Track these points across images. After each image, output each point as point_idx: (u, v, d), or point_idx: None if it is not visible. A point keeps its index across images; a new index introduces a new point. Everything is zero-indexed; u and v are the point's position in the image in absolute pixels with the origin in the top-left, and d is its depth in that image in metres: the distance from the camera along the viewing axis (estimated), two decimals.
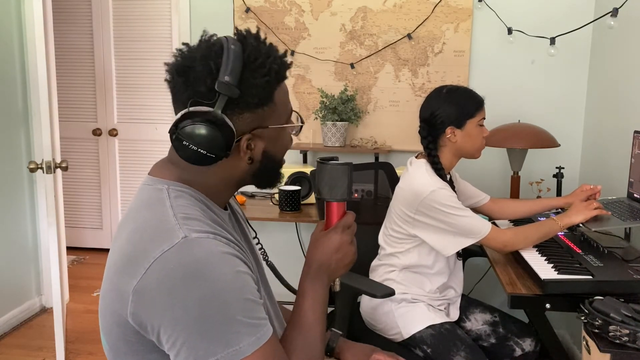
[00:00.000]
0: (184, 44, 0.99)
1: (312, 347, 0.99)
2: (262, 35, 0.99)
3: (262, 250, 1.24)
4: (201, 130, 0.91)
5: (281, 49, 1.01)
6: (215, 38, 0.98)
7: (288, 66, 1.01)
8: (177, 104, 0.96)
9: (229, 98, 0.92)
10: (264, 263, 1.20)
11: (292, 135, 1.08)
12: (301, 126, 1.09)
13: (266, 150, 1.00)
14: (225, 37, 0.97)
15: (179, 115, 0.93)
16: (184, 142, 0.92)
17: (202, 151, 0.92)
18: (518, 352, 1.93)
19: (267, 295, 1.11)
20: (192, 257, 0.86)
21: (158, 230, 0.89)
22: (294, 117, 1.06)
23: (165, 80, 0.98)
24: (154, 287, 0.85)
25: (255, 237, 1.22)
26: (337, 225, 1.05)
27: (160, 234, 0.89)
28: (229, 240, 0.92)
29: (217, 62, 0.92)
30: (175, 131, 0.93)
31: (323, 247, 1.03)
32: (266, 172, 1.03)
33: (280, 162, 1.06)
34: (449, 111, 1.86)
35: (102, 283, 0.96)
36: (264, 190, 2.97)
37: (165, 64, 0.98)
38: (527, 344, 1.94)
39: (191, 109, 0.92)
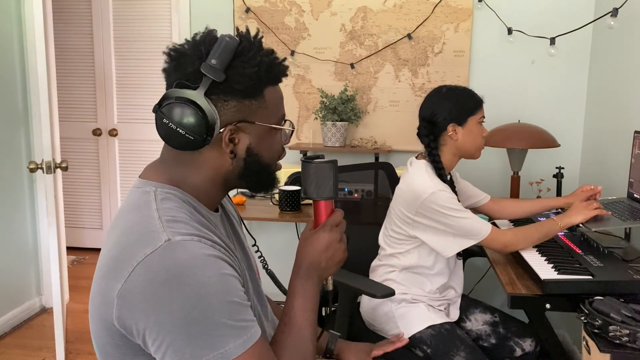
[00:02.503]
0: (185, 39, 1.00)
1: (302, 348, 0.98)
2: (261, 36, 1.00)
3: (262, 258, 1.23)
4: (181, 109, 0.92)
5: (281, 55, 1.02)
6: (215, 32, 0.99)
7: (281, 67, 1.01)
8: (167, 88, 0.97)
9: (213, 82, 0.92)
10: (262, 270, 1.20)
11: (283, 145, 1.06)
12: (291, 132, 1.07)
13: (250, 147, 0.99)
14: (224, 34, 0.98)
15: (164, 95, 0.94)
16: (164, 120, 0.93)
17: (180, 131, 0.92)
18: (518, 352, 1.93)
19: (258, 298, 1.10)
20: (175, 260, 0.85)
21: (142, 234, 0.89)
22: (286, 124, 1.05)
23: (162, 70, 0.99)
24: (138, 290, 0.85)
25: (255, 244, 1.21)
26: (325, 223, 1.03)
27: (144, 237, 0.88)
28: (214, 243, 0.91)
29: (208, 48, 0.94)
30: (158, 109, 0.94)
31: (312, 246, 1.02)
32: (252, 173, 1.01)
33: (267, 165, 1.03)
34: (450, 108, 1.86)
35: (91, 287, 0.96)
36: None
37: (163, 52, 0.99)
38: (527, 344, 1.93)
39: (175, 89, 0.93)
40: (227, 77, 0.93)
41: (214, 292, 0.85)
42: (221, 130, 0.95)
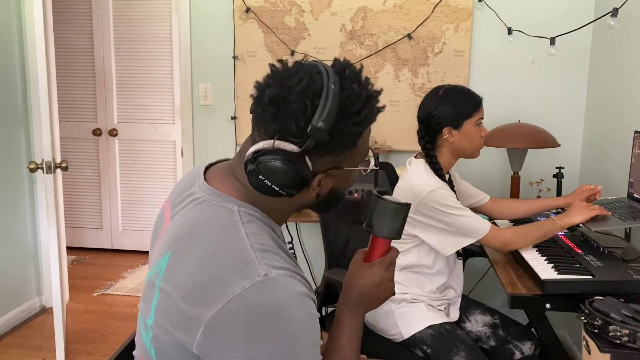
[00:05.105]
0: (279, 61, 0.96)
1: None
2: (363, 76, 0.96)
3: None
4: (281, 168, 0.90)
5: (377, 86, 0.98)
6: (313, 66, 0.94)
7: (381, 110, 0.99)
8: (260, 132, 0.94)
9: (316, 143, 0.91)
10: None
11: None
12: (372, 164, 1.08)
13: (334, 187, 1.01)
14: (324, 67, 0.93)
15: (262, 145, 0.90)
16: (260, 176, 0.91)
17: (275, 188, 0.91)
18: (517, 355, 1.92)
19: None
20: (273, 297, 0.85)
21: (237, 263, 0.87)
22: (369, 156, 1.05)
23: (251, 96, 0.95)
24: (231, 323, 0.84)
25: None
26: (382, 260, 1.06)
27: (240, 268, 0.86)
28: (301, 277, 0.92)
29: (314, 103, 0.89)
30: (254, 162, 0.90)
31: (366, 279, 1.04)
32: (328, 204, 1.04)
33: (343, 195, 1.06)
34: (445, 112, 1.85)
35: (159, 297, 0.92)
36: None
37: (257, 82, 0.95)
38: (527, 347, 1.93)
39: (276, 143, 0.90)
40: (330, 138, 0.91)
41: (302, 333, 0.87)
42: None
